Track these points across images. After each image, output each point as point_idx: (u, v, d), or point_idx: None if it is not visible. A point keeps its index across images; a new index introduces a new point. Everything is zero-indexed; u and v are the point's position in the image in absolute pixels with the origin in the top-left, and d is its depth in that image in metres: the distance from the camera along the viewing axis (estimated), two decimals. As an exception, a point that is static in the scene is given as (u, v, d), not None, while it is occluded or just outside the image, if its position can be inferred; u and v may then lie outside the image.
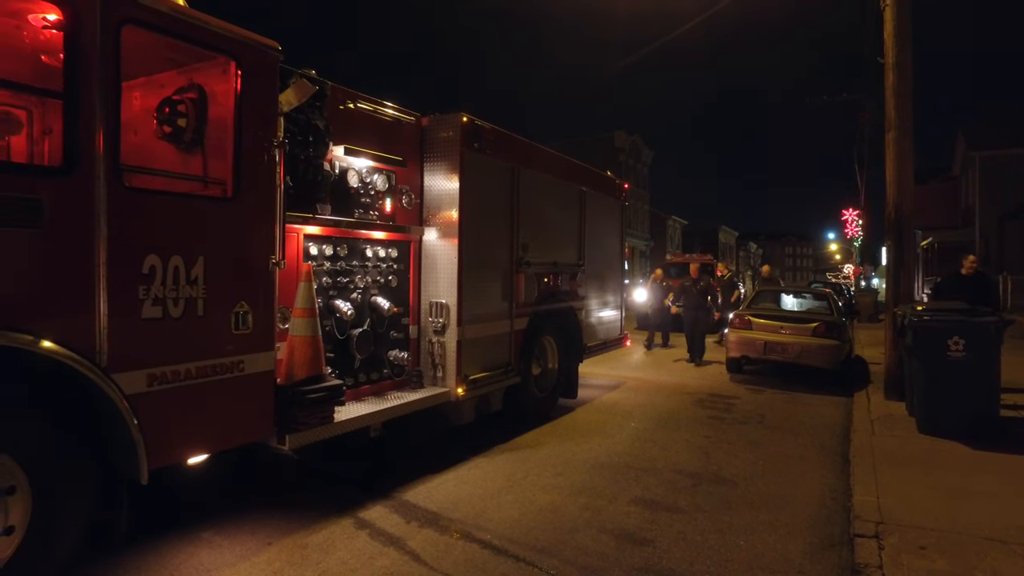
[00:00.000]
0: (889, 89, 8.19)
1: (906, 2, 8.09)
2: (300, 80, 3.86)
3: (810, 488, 5.13)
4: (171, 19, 3.23)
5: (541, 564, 3.64)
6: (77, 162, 2.83)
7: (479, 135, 5.67)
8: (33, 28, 2.92)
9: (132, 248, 3.05)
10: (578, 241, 7.84)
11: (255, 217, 3.68)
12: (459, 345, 5.46)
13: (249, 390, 3.66)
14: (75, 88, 2.82)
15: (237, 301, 3.56)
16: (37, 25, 2.93)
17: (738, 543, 4.03)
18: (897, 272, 8.16)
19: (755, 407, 8.12)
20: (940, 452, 5.76)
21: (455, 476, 5.12)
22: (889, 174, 8.23)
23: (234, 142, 3.55)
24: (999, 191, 23.29)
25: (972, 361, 6.05)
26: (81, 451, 2.94)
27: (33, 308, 2.71)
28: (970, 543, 3.85)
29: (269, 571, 3.44)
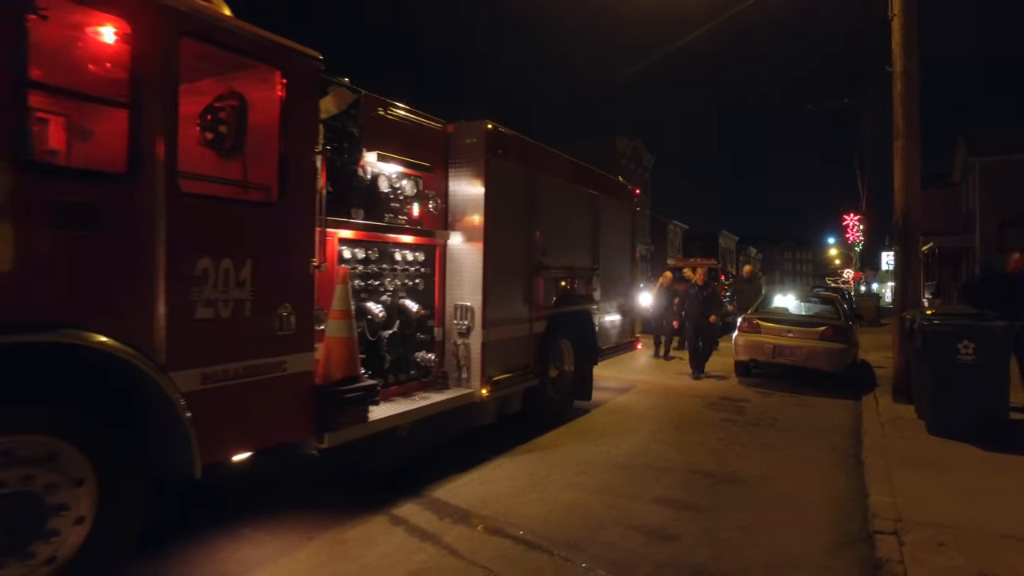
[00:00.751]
0: (897, 98, 8.34)
1: (913, 13, 8.24)
2: (339, 88, 3.99)
3: (825, 488, 5.25)
4: (225, 31, 3.35)
5: (573, 559, 3.75)
6: (139, 168, 2.95)
7: (502, 142, 5.80)
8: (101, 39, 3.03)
9: (187, 251, 3.17)
10: (592, 245, 7.97)
11: (298, 221, 3.81)
12: (484, 347, 5.58)
13: (291, 390, 3.78)
14: (139, 97, 2.94)
15: (281, 303, 3.68)
16: (104, 37, 3.05)
17: (760, 540, 4.14)
18: (905, 277, 8.29)
19: (765, 410, 8.24)
20: (951, 453, 5.88)
21: (480, 475, 5.24)
22: (897, 181, 8.37)
23: (279, 149, 3.67)
24: (1000, 197, 23.47)
25: (981, 364, 6.17)
26: (138, 447, 3.05)
27: (99, 308, 2.83)
28: (987, 540, 3.97)
29: (313, 564, 3.55)
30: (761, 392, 9.41)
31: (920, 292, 8.57)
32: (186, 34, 3.14)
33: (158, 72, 3.02)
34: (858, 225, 36.14)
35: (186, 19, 3.14)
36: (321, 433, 3.99)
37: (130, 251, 2.94)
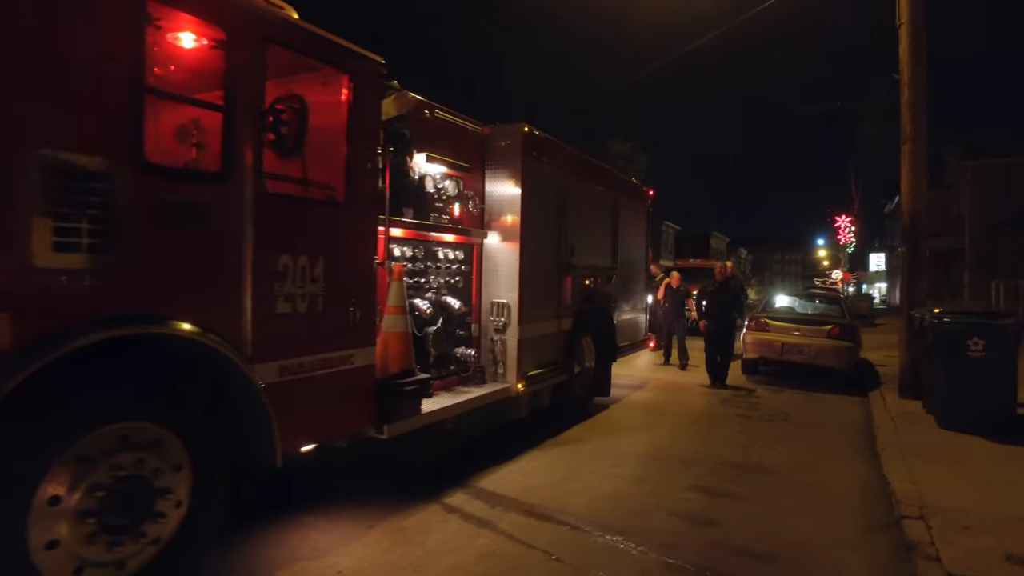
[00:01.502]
0: (905, 104, 8.62)
1: (922, 20, 8.53)
2: (400, 93, 4.16)
3: (848, 478, 5.49)
4: (305, 37, 3.52)
5: (625, 543, 3.94)
6: (232, 169, 3.11)
7: (537, 144, 5.99)
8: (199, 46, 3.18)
9: (270, 248, 3.32)
10: (612, 245, 8.18)
11: (363, 220, 3.97)
12: (520, 343, 5.76)
13: (356, 382, 3.94)
14: (232, 101, 3.10)
15: (349, 298, 3.85)
16: (201, 44, 3.19)
17: (796, 524, 4.37)
18: (912, 277, 8.58)
19: (778, 405, 8.49)
20: (963, 446, 6.14)
21: (518, 467, 5.42)
22: (904, 184, 8.66)
23: (346, 150, 3.84)
24: (991, 199, 24.01)
25: (991, 361, 6.45)
26: (225, 437, 3.20)
27: (199, 303, 2.98)
28: (1009, 524, 4.22)
29: (379, 550, 3.71)
30: (771, 389, 9.67)
31: (926, 291, 8.85)
32: (272, 40, 3.30)
33: (247, 77, 3.18)
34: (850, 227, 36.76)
35: (273, 26, 3.31)
36: (381, 425, 4.15)
37: (225, 248, 3.10)
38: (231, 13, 3.09)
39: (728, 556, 3.82)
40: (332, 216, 3.79)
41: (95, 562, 2.63)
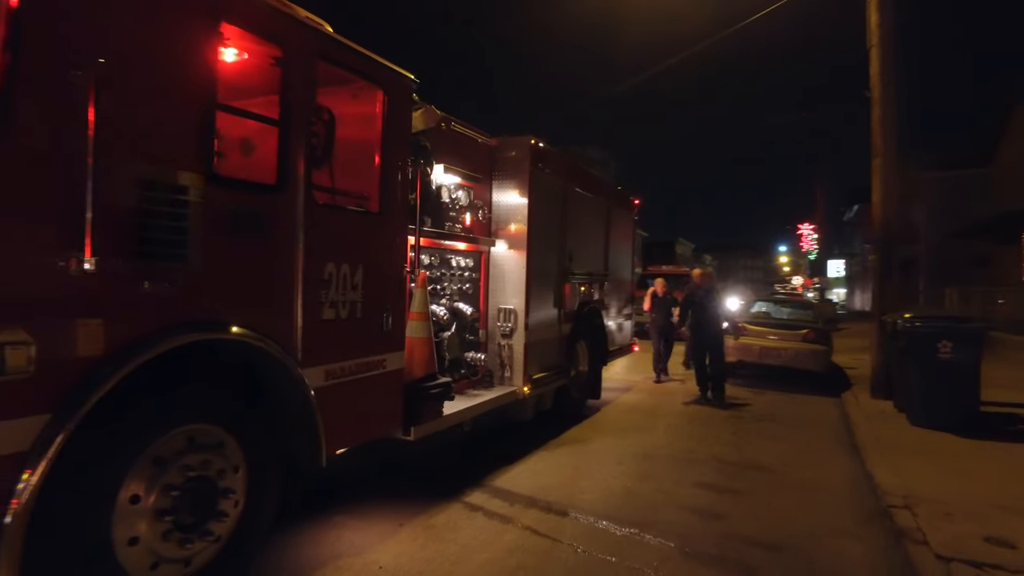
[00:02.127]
0: (875, 121, 9.20)
1: (890, 43, 9.12)
2: (428, 107, 4.36)
3: (836, 473, 5.89)
4: (349, 53, 3.70)
5: (643, 535, 4.21)
6: (287, 180, 3.27)
7: (543, 156, 6.25)
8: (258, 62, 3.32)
9: (318, 256, 3.48)
10: (604, 253, 8.49)
11: (395, 229, 4.16)
12: (526, 347, 6.00)
13: (388, 386, 4.11)
14: (288, 115, 3.26)
15: (383, 304, 4.02)
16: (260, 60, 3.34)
17: (797, 516, 4.71)
18: (883, 283, 9.14)
19: (763, 407, 8.92)
20: (936, 441, 6.63)
21: (527, 467, 5.64)
22: (876, 196, 9.23)
23: (380, 162, 4.02)
24: (945, 210, 25.34)
25: (959, 362, 6.97)
26: (276, 438, 3.34)
27: (257, 309, 3.12)
28: (986, 511, 4.63)
29: (415, 547, 3.89)
30: (753, 391, 10.11)
31: (897, 297, 9.41)
32: (322, 57, 3.47)
33: (301, 92, 3.35)
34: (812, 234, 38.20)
35: (323, 43, 3.48)
36: (408, 427, 4.33)
37: (280, 256, 3.25)
38: (289, 31, 3.26)
39: (740, 546, 4.11)
40: (369, 225, 3.96)
41: (168, 559, 2.75)
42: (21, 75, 2.16)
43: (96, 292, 2.39)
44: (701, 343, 9.05)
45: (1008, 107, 23.52)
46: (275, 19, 3.19)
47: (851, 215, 40.08)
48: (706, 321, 8.99)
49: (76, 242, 2.28)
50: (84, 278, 2.32)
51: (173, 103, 2.68)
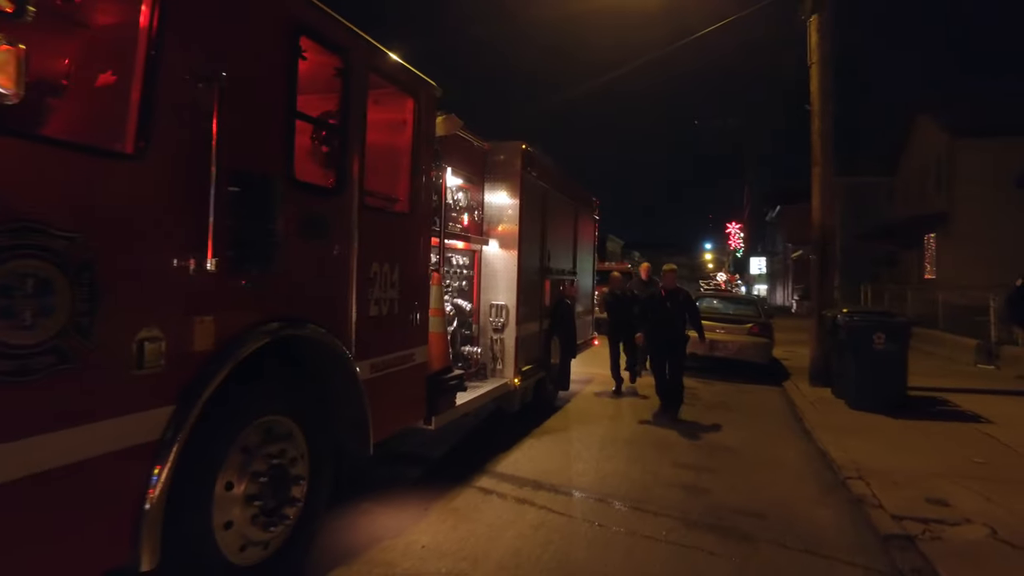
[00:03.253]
0: (815, 132, 10.18)
1: (828, 62, 10.12)
2: (450, 115, 4.66)
3: (793, 452, 6.65)
4: (392, 65, 3.95)
5: (643, 509, 4.71)
6: (345, 184, 3.51)
7: (531, 160, 6.65)
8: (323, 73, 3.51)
9: (368, 256, 3.73)
10: (573, 252, 9.00)
11: (422, 229, 4.44)
12: (516, 341, 6.39)
13: (416, 378, 4.40)
14: (345, 123, 3.50)
15: (413, 301, 4.30)
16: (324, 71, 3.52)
17: (770, 489, 5.36)
18: (822, 281, 10.15)
19: (714, 396, 9.72)
20: (873, 422, 7.56)
21: (521, 454, 6.04)
22: (815, 200, 10.22)
23: (411, 166, 4.29)
24: (858, 213, 27.70)
25: (890, 352, 7.96)
26: (332, 428, 3.58)
27: (321, 306, 3.36)
28: (925, 479, 5.45)
29: (446, 527, 4.20)
30: (702, 381, 10.93)
31: (830, 294, 10.46)
32: (373, 70, 3.71)
33: (356, 100, 3.59)
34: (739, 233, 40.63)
35: (374, 54, 3.72)
36: (430, 416, 4.63)
37: (339, 256, 3.49)
38: (350, 43, 3.49)
39: (729, 515, 4.69)
40: (402, 226, 4.23)
41: (254, 541, 2.96)
42: (159, 97, 2.33)
43: (210, 291, 2.59)
44: (660, 348, 7.96)
45: (910, 119, 26.02)
46: (340, 32, 3.42)
47: (773, 215, 42.93)
48: (667, 325, 7.80)
49: (200, 245, 2.47)
50: (203, 278, 2.51)
51: (267, 113, 2.89)
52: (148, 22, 2.30)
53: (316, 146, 3.38)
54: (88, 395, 2.13)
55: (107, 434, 2.19)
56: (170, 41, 2.36)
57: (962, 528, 4.44)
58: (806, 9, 9.81)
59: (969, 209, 20.65)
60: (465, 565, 3.67)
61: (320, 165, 3.40)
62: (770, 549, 4.12)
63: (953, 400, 8.72)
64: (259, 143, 2.85)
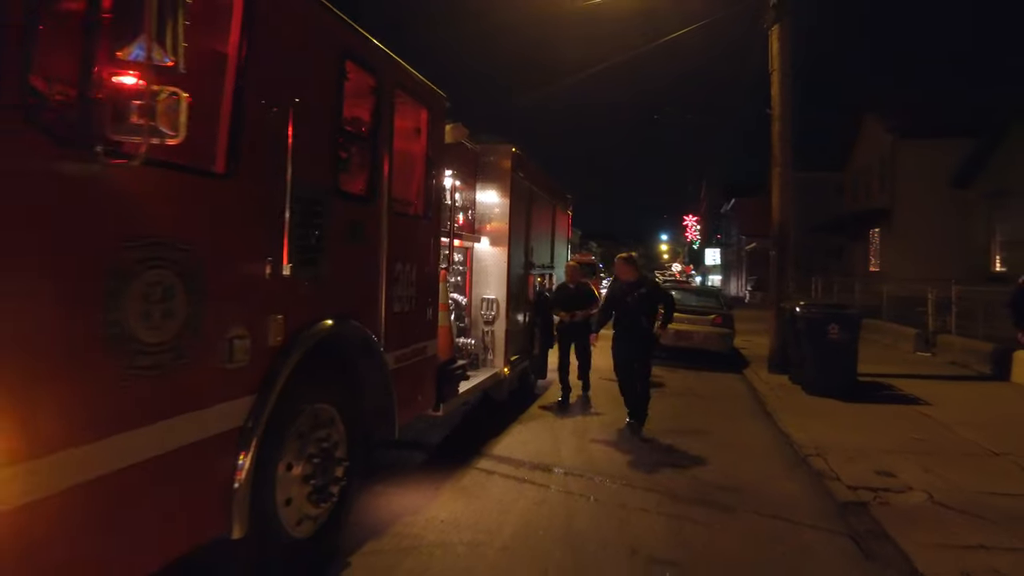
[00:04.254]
0: (775, 134, 10.94)
1: (788, 69, 10.86)
2: (457, 124, 5.05)
3: (758, 433, 7.34)
4: (414, 81, 4.31)
5: (633, 485, 5.25)
6: (376, 192, 3.87)
7: (520, 162, 7.08)
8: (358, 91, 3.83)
9: (394, 257, 4.11)
10: (551, 246, 9.49)
11: (434, 230, 4.83)
12: (507, 333, 6.84)
13: (429, 368, 4.81)
14: (376, 135, 3.86)
15: (428, 297, 4.70)
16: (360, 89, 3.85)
17: (741, 466, 6.00)
18: (780, 275, 10.95)
19: (680, 383, 10.42)
20: (828, 406, 8.34)
21: (513, 439, 6.51)
22: (775, 199, 11.00)
23: (424, 172, 4.67)
24: (809, 208, 29.15)
25: (844, 341, 8.77)
26: (364, 415, 3.96)
27: (359, 303, 3.73)
28: (874, 454, 6.19)
29: (460, 504, 4.64)
30: (667, 369, 11.62)
31: (788, 287, 11.27)
32: (398, 86, 4.07)
33: (385, 114, 3.95)
34: (696, 225, 42.09)
35: (400, 72, 4.08)
36: (439, 404, 5.04)
37: (372, 258, 3.86)
38: (380, 62, 3.84)
39: (710, 490, 5.28)
40: (418, 228, 4.61)
41: (307, 516, 3.34)
42: (245, 121, 2.67)
43: (283, 293, 2.94)
44: (627, 353, 6.84)
45: (857, 118, 27.50)
46: (374, 52, 3.77)
47: (728, 208, 44.61)
48: (635, 326, 6.73)
49: (278, 252, 2.83)
50: (279, 281, 2.87)
51: (322, 131, 3.23)
52: (236, 53, 2.63)
53: (353, 158, 3.72)
54: (196, 387, 2.47)
55: (209, 421, 2.54)
56: (253, 71, 2.70)
57: (905, 495, 5.15)
58: (769, 19, 10.51)
59: (909, 206, 22.13)
60: (483, 536, 4.12)
61: (356, 176, 3.74)
62: (747, 517, 4.71)
63: (896, 385, 9.64)
64: (317, 159, 3.20)
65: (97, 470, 2.04)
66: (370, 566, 3.64)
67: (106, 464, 2.07)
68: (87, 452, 2.00)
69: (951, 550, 4.11)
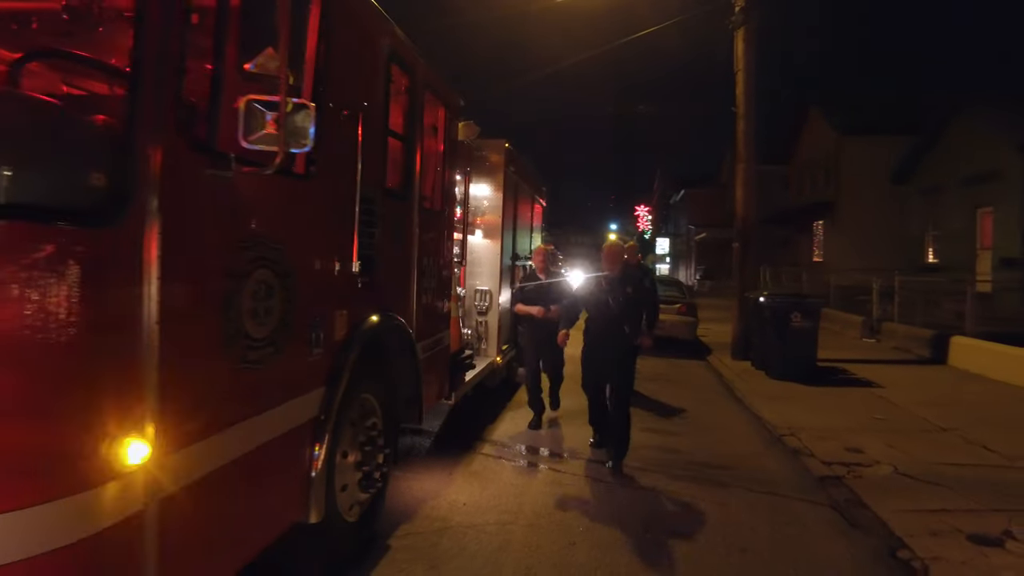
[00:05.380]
0: (740, 132, 11.53)
1: (752, 69, 11.43)
2: (469, 122, 5.25)
3: (732, 415, 7.89)
4: (436, 79, 4.49)
5: (633, 466, 5.63)
6: (410, 189, 4.06)
7: (512, 157, 7.32)
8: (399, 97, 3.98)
9: (423, 251, 4.31)
10: (530, 238, 9.77)
11: (450, 224, 5.04)
12: (499, 323, 7.10)
13: (445, 358, 5.03)
14: (411, 134, 4.04)
15: (444, 289, 4.91)
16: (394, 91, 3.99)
17: (724, 445, 6.49)
18: (744, 267, 11.60)
19: (651, 369, 10.92)
20: (793, 390, 9.00)
21: (509, 426, 6.80)
22: (739, 194, 11.62)
23: (442, 168, 4.86)
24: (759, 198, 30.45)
25: (805, 329, 9.44)
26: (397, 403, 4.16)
27: (397, 297, 3.92)
28: (842, 433, 6.80)
29: (476, 488, 4.89)
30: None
31: (751, 278, 11.93)
32: (427, 87, 4.25)
33: (417, 114, 4.13)
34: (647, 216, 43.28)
35: (429, 73, 4.26)
36: (451, 392, 5.27)
37: (407, 253, 4.05)
38: (414, 64, 4.01)
39: (700, 468, 5.73)
40: (438, 223, 4.81)
41: (357, 502, 3.54)
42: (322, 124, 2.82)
43: (347, 288, 3.12)
44: (601, 360, 5.60)
45: (803, 113, 28.88)
46: (411, 55, 3.94)
47: (677, 199, 46.01)
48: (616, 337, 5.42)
49: (348, 250, 3.00)
50: (347, 277, 3.05)
51: (376, 133, 3.40)
52: (315, 58, 2.78)
53: (394, 157, 3.88)
54: (287, 379, 2.65)
55: (295, 411, 2.72)
56: (333, 75, 2.85)
57: (874, 468, 5.73)
58: (736, 22, 11.03)
59: (852, 200, 23.53)
60: (507, 516, 4.40)
61: (396, 174, 3.91)
62: (741, 493, 5.16)
63: (850, 369, 10.44)
64: (374, 159, 3.37)
65: (218, 460, 2.21)
66: (410, 547, 3.86)
67: (226, 454, 2.24)
68: (215, 442, 2.17)
69: (919, 514, 4.65)
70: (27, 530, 1.55)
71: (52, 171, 1.61)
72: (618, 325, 5.47)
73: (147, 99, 1.76)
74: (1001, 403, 8.34)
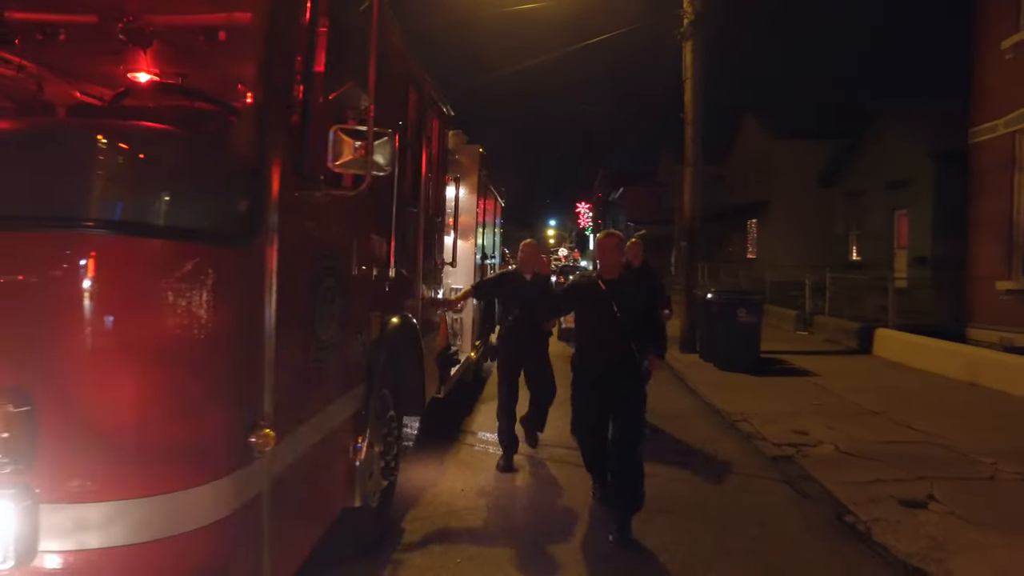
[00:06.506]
0: (688, 138, 12.32)
1: (700, 77, 12.23)
2: (457, 132, 5.61)
3: (686, 404, 8.59)
4: (437, 93, 4.83)
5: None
6: (418, 196, 4.41)
7: (485, 163, 7.71)
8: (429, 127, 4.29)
9: (426, 254, 4.66)
10: (493, 238, 10.20)
11: (442, 227, 5.39)
12: (473, 321, 7.50)
13: (436, 354, 5.38)
14: (418, 144, 4.39)
15: (436, 288, 5.26)
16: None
17: (687, 432, 7.13)
18: (690, 264, 12.41)
19: (607, 363, 11.57)
20: (739, 380, 9.80)
21: (485, 418, 7.20)
22: (686, 196, 12.42)
23: (436, 175, 5.21)
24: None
25: (750, 323, 10.29)
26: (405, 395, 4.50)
27: (408, 297, 4.26)
28: (787, 417, 7.57)
29: (469, 476, 5.29)
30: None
31: (697, 275, 12.76)
32: (431, 102, 4.59)
33: (423, 125, 4.47)
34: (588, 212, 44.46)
35: (433, 88, 4.61)
36: (440, 387, 5.63)
37: (415, 256, 4.40)
38: (423, 80, 4.36)
39: (672, 454, 6.32)
40: (434, 226, 5.16)
41: (379, 488, 3.87)
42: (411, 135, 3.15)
43: (381, 292, 3.46)
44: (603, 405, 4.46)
45: (738, 117, 30.50)
46: (420, 72, 4.28)
47: (616, 196, 47.43)
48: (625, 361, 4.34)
49: (386, 256, 3.35)
50: (382, 282, 3.39)
51: (404, 147, 3.74)
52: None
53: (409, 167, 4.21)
54: (342, 377, 2.97)
55: (346, 406, 3.05)
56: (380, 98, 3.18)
57: (818, 448, 6.49)
58: (685, 34, 11.78)
59: (782, 200, 25.12)
60: (504, 500, 4.83)
61: (408, 183, 4.24)
62: (708, 474, 5.78)
63: (788, 360, 11.41)
64: (402, 172, 3.70)
65: (302, 449, 2.53)
66: (423, 530, 4.23)
67: (307, 443, 2.56)
68: (301, 432, 2.49)
69: (860, 485, 5.38)
70: (190, 508, 1.85)
71: (205, 199, 1.91)
72: (625, 344, 4.23)
73: (272, 131, 2.07)
74: (920, 388, 9.41)
